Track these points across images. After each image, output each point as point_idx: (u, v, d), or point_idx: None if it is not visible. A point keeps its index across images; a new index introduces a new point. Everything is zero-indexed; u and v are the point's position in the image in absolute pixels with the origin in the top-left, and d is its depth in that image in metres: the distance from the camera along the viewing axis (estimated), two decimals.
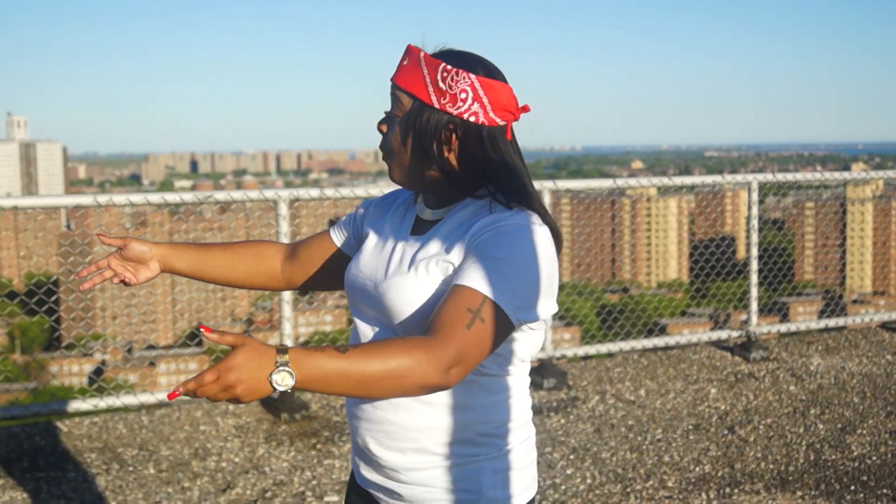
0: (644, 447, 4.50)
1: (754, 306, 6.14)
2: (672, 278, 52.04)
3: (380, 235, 1.73)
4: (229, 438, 4.47)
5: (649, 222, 57.97)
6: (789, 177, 6.54)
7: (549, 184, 5.44)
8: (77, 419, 4.63)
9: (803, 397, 5.25)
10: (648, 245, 57.85)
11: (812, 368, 5.77)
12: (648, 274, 56.19)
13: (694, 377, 5.55)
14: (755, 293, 6.15)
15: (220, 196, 4.78)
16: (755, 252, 6.18)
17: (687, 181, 6.56)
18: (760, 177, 6.28)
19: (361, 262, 1.71)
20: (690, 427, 4.77)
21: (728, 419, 4.89)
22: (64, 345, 21.23)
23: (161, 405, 4.87)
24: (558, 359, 5.61)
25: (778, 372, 5.68)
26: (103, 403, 4.56)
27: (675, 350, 6.06)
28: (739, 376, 5.59)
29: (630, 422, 4.83)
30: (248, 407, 4.80)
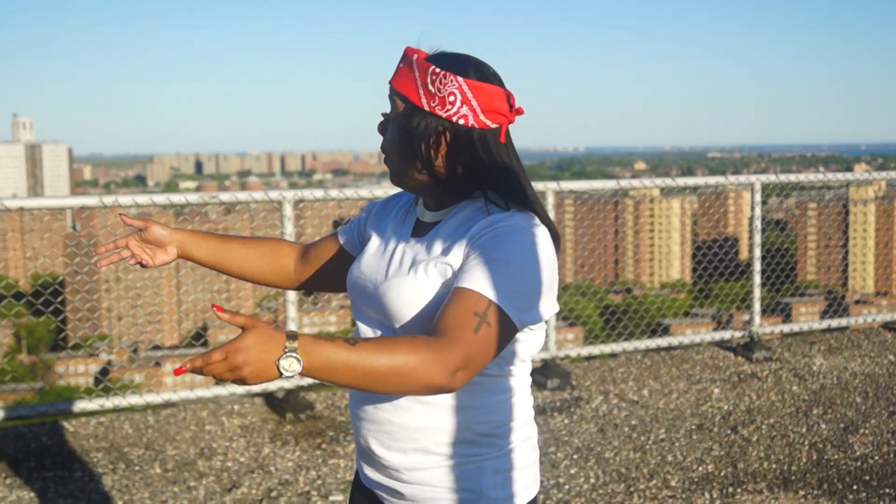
0: (647, 447, 4.51)
1: (757, 307, 6.15)
2: (675, 279, 51.96)
3: (382, 237, 1.73)
4: (235, 438, 4.49)
5: (652, 223, 57.88)
6: (792, 178, 6.54)
7: (553, 185, 5.45)
8: (83, 419, 4.64)
9: (806, 397, 5.27)
10: (651, 246, 57.77)
11: (815, 368, 5.78)
12: (651, 274, 56.10)
13: (697, 377, 5.57)
14: (758, 293, 6.16)
15: (225, 197, 4.80)
16: (758, 253, 6.19)
17: (690, 182, 6.57)
18: (763, 178, 6.29)
19: (363, 264, 1.72)
20: (693, 427, 4.79)
21: (731, 419, 4.91)
22: (70, 345, 21.20)
23: (167, 405, 4.89)
24: (562, 359, 5.62)
25: (781, 372, 5.70)
26: (109, 403, 4.57)
27: (679, 350, 6.07)
28: (742, 376, 5.60)
29: (633, 422, 4.85)
30: (254, 407, 4.83)
